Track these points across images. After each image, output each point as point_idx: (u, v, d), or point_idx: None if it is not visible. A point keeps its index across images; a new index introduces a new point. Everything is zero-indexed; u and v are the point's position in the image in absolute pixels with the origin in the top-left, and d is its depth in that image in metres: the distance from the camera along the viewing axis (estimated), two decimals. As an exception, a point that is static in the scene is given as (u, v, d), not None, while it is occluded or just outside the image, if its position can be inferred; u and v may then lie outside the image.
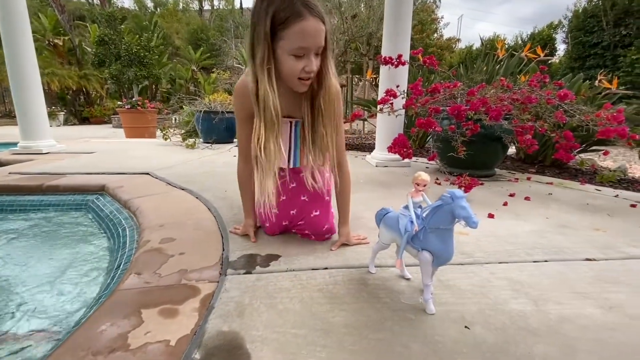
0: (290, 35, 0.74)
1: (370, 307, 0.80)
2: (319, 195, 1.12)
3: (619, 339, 0.71)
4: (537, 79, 2.10)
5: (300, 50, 0.76)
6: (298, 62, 0.77)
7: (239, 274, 0.95)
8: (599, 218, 1.51)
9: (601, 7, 9.03)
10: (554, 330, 0.74)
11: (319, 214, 1.12)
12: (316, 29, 0.74)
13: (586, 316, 0.79)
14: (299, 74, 0.79)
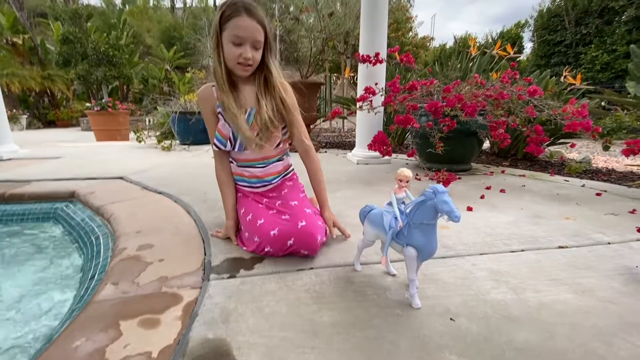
0: (230, 27, 0.97)
1: (357, 306, 0.80)
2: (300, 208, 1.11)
3: (592, 321, 0.75)
4: (509, 76, 2.18)
5: (236, 39, 0.98)
6: (236, 49, 0.99)
7: (222, 279, 0.93)
8: (569, 207, 1.58)
9: (563, 7, 9.52)
10: (534, 317, 0.77)
11: (305, 223, 1.04)
12: (251, 26, 0.97)
13: (562, 302, 0.82)
14: (237, 59, 1.01)
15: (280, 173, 1.24)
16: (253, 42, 1.00)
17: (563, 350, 0.66)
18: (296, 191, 1.22)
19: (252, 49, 1.00)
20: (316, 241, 1.02)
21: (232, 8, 0.97)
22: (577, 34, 9.26)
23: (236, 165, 1.22)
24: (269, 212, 1.11)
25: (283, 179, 1.26)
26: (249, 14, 0.98)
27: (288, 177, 1.28)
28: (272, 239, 1.01)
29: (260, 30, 1.00)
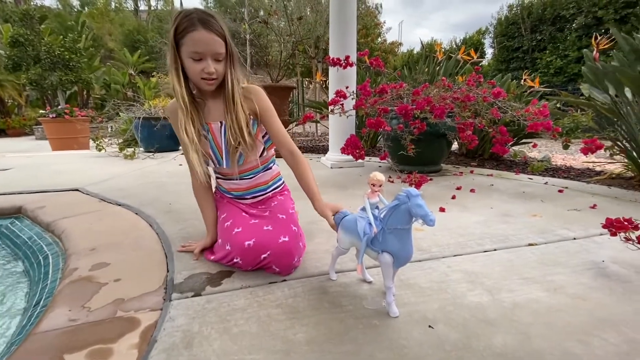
0: (187, 42, 0.91)
1: (332, 318, 0.76)
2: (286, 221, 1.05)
3: (565, 319, 0.75)
4: (474, 79, 2.25)
5: (195, 54, 0.92)
6: (197, 64, 0.93)
7: (186, 298, 0.85)
8: (535, 204, 1.64)
9: (520, 15, 10.13)
10: (509, 318, 0.76)
11: (287, 239, 0.97)
12: (209, 39, 0.91)
13: (535, 300, 0.83)
14: (200, 75, 0.94)
15: (268, 183, 1.18)
16: (213, 55, 0.93)
17: (540, 351, 0.66)
18: (287, 206, 1.16)
19: (214, 62, 0.94)
20: (292, 262, 0.96)
21: (186, 21, 0.90)
22: (532, 41, 9.88)
23: (222, 179, 1.17)
24: (249, 222, 1.03)
25: (274, 192, 1.21)
26: (206, 26, 0.90)
27: (279, 191, 1.23)
28: (245, 250, 0.94)
29: (220, 42, 0.93)
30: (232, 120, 1.01)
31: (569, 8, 9.00)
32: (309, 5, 7.47)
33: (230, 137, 1.02)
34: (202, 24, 0.89)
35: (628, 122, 1.97)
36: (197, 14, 0.91)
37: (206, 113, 1.05)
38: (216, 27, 0.92)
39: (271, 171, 1.19)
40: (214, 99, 1.04)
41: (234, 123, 1.01)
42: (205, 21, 0.90)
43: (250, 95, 1.04)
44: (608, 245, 1.15)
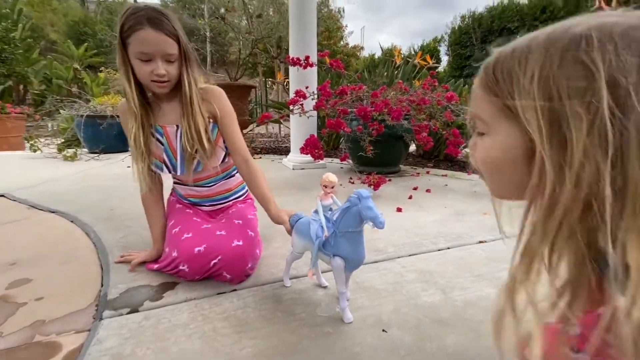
0: (134, 42, 0.84)
1: (284, 329, 0.71)
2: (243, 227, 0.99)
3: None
4: (429, 83, 2.33)
5: (143, 55, 0.85)
6: (145, 65, 0.86)
7: (120, 315, 0.76)
8: (485, 203, 1.72)
9: (471, 26, 10.83)
10: (461, 317, 0.76)
11: (242, 244, 0.91)
12: (158, 39, 0.84)
13: (485, 297, 0.84)
14: (150, 77, 0.87)
15: (230, 191, 1.12)
16: (163, 56, 0.86)
17: (490, 349, 0.66)
18: (246, 212, 1.09)
19: (165, 63, 0.87)
20: (245, 268, 0.90)
21: (132, 20, 0.82)
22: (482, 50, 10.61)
23: (178, 185, 1.09)
24: (201, 226, 0.96)
25: (235, 201, 1.14)
26: (155, 25, 0.83)
27: (241, 200, 1.16)
28: (194, 256, 0.87)
29: (171, 42, 0.86)
30: (189, 124, 0.93)
31: (514, 21, 9.80)
32: (272, 6, 7.38)
33: (187, 143, 0.94)
34: (150, 22, 0.82)
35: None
36: (146, 11, 0.83)
37: (161, 115, 0.97)
38: (166, 26, 0.85)
39: (234, 179, 1.13)
40: (169, 101, 0.97)
41: (191, 128, 0.93)
42: (153, 20, 0.83)
43: (209, 97, 0.96)
44: (548, 240, 1.22)
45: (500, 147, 0.35)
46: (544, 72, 0.29)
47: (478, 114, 0.37)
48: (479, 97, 0.36)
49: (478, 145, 0.39)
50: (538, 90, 0.29)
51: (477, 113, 0.37)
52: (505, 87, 0.33)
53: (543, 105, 0.29)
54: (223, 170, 1.07)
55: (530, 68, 0.30)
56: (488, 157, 0.37)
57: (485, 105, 0.35)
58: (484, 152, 0.37)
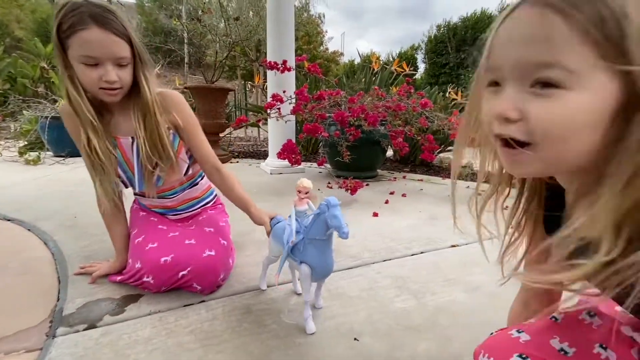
0: (75, 44, 0.73)
1: (253, 341, 0.69)
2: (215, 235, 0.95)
3: (482, 319, 0.79)
4: (405, 90, 2.37)
5: (88, 59, 0.74)
6: (92, 70, 0.75)
7: (76, 332, 0.71)
8: (458, 207, 1.75)
9: (446, 35, 11.22)
10: (432, 322, 0.77)
11: (214, 254, 0.87)
12: (106, 40, 0.74)
13: (456, 302, 0.85)
14: (98, 84, 0.77)
15: (198, 198, 1.06)
16: (114, 59, 0.76)
17: (459, 354, 0.67)
18: (217, 219, 1.05)
19: (116, 67, 0.77)
20: (217, 279, 0.87)
21: (73, 18, 0.71)
22: (457, 58, 11.01)
23: (139, 196, 1.02)
24: (168, 235, 0.90)
25: (204, 207, 1.08)
26: (101, 24, 0.72)
27: (211, 206, 1.11)
28: (160, 267, 0.82)
29: (122, 43, 0.76)
30: (148, 137, 0.84)
31: (486, 31, 10.25)
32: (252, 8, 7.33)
33: (145, 158, 0.85)
34: (94, 20, 0.72)
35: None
36: (88, 7, 0.72)
37: (113, 125, 0.88)
38: (115, 24, 0.75)
39: (200, 186, 1.06)
40: (121, 109, 0.86)
41: (151, 140, 0.85)
42: (99, 17, 0.72)
43: (169, 104, 0.88)
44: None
45: (590, 106, 0.28)
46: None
47: (557, 60, 0.28)
48: (562, 37, 0.27)
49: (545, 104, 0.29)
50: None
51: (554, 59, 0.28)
52: (616, 33, 0.26)
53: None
54: (188, 179, 1.02)
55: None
56: (574, 114, 0.28)
57: (578, 48, 0.27)
58: (568, 107, 0.28)
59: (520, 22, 0.30)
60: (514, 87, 0.31)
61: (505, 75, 0.32)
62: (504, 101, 0.31)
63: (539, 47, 0.28)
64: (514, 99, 0.31)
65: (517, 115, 0.30)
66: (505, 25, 0.32)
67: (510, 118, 0.31)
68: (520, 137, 0.31)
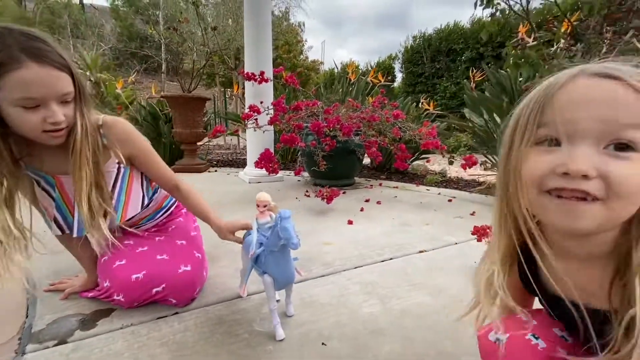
0: (9, 86, 0.61)
1: (224, 351, 0.71)
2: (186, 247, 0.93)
3: (443, 320, 0.84)
4: (379, 101, 2.46)
5: (27, 102, 0.63)
6: (33, 113, 0.64)
7: (46, 348, 0.71)
8: (429, 214, 1.84)
9: (422, 45, 11.64)
10: (397, 325, 0.82)
11: (190, 269, 0.87)
12: (44, 77, 0.63)
13: (421, 305, 0.91)
14: (42, 127, 0.66)
15: (159, 209, 1.02)
16: (59, 97, 0.66)
17: (420, 354, 0.72)
18: (187, 229, 1.04)
19: (60, 105, 0.67)
20: (194, 293, 0.88)
21: (2, 56, 0.59)
22: (432, 68, 11.42)
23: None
24: (136, 250, 0.89)
25: (168, 217, 1.05)
26: (37, 58, 0.61)
27: (173, 213, 1.07)
28: (131, 285, 0.81)
29: (64, 76, 0.66)
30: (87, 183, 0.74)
31: (459, 43, 10.70)
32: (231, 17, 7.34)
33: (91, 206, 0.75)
34: (29, 56, 0.61)
35: (497, 141, 2.39)
36: (15, 38, 0.61)
37: (49, 160, 0.77)
38: (52, 56, 0.64)
39: (155, 200, 0.98)
40: (59, 146, 0.72)
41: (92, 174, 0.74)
42: (33, 51, 0.61)
43: (115, 138, 0.80)
44: (480, 247, 1.34)
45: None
46: None
47: (634, 123, 0.31)
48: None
49: (626, 165, 0.31)
50: None
51: (632, 122, 0.31)
52: None
53: None
54: (154, 210, 0.99)
55: None
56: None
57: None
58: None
59: (597, 87, 0.33)
60: (589, 146, 0.33)
61: (579, 134, 0.33)
62: (580, 158, 0.32)
63: (624, 109, 0.31)
64: (591, 157, 0.32)
65: (595, 173, 0.32)
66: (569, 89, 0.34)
67: (590, 175, 0.32)
68: (596, 193, 0.32)
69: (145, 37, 11.40)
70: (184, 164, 3.19)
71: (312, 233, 1.48)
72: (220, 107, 6.15)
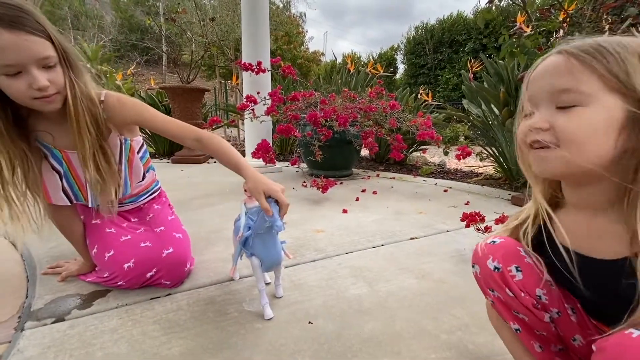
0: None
1: (214, 328, 0.75)
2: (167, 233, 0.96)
3: (426, 301, 0.87)
4: (376, 92, 2.47)
5: (7, 69, 0.65)
6: (16, 80, 0.66)
7: (44, 325, 0.74)
8: (423, 203, 1.87)
9: (424, 37, 11.50)
10: (381, 306, 0.85)
11: (172, 250, 0.90)
12: (17, 41, 0.64)
13: (406, 287, 0.94)
14: (30, 94, 0.67)
15: (144, 190, 1.04)
16: (38, 61, 0.66)
17: (400, 332, 0.75)
18: (164, 214, 1.06)
19: (43, 70, 0.68)
20: (184, 270, 0.92)
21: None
22: (435, 60, 11.30)
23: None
24: (120, 239, 0.91)
25: (150, 201, 1.07)
26: (9, 25, 0.62)
27: (155, 199, 1.09)
28: (126, 272, 0.85)
29: (40, 40, 0.66)
30: (90, 146, 0.76)
31: (462, 34, 10.56)
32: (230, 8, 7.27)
33: (99, 169, 0.79)
34: (1, 24, 0.62)
35: (494, 131, 2.39)
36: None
37: (57, 135, 0.80)
38: (27, 22, 0.65)
39: (144, 182, 1.01)
40: (63, 118, 0.75)
41: (91, 158, 0.77)
42: (4, 17, 0.62)
43: (112, 109, 0.82)
44: (472, 235, 1.36)
45: (603, 117, 0.38)
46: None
47: (572, 87, 0.39)
48: (576, 72, 0.39)
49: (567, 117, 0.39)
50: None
51: (572, 86, 0.39)
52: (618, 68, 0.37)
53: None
54: (142, 190, 1.02)
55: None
56: (588, 125, 0.38)
57: (588, 79, 0.38)
58: (582, 121, 0.38)
59: (550, 64, 0.42)
60: (545, 108, 0.41)
61: (538, 100, 0.42)
62: (536, 117, 0.42)
63: (564, 78, 0.40)
64: (545, 115, 0.41)
65: (547, 125, 0.41)
66: (539, 67, 0.43)
67: (542, 127, 0.41)
68: (549, 139, 0.41)
69: (146, 29, 11.35)
70: (182, 155, 3.22)
71: (306, 221, 1.51)
72: (221, 99, 6.15)
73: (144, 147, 1.00)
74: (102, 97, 0.81)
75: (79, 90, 0.74)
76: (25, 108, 0.74)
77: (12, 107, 0.72)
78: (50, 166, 0.82)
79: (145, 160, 1.01)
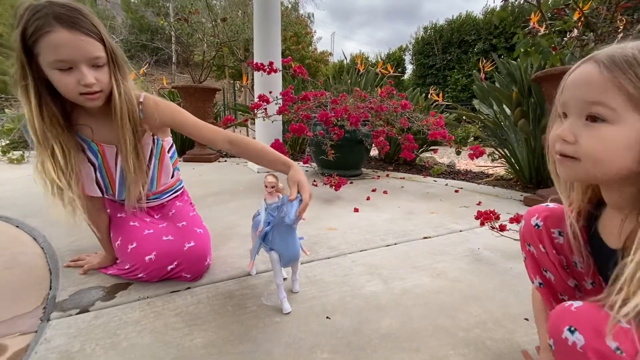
0: (44, 49, 0.69)
1: (234, 321, 0.76)
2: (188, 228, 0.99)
3: (441, 299, 0.87)
4: (387, 91, 2.46)
5: (61, 64, 0.70)
6: (67, 76, 0.71)
7: (69, 316, 0.77)
8: (434, 203, 1.86)
9: (433, 37, 11.43)
10: (397, 303, 0.85)
11: (194, 244, 0.92)
12: (76, 41, 0.70)
13: (421, 285, 0.94)
14: (77, 89, 0.73)
15: (169, 188, 1.09)
16: (88, 60, 0.72)
17: (418, 329, 0.75)
18: (186, 211, 1.09)
19: (92, 69, 0.73)
20: (204, 264, 0.94)
21: (37, 21, 0.67)
22: (444, 60, 11.23)
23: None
24: (144, 232, 0.94)
25: (172, 198, 1.11)
26: (68, 24, 0.68)
27: (177, 197, 1.14)
28: (147, 264, 0.88)
29: (94, 42, 0.72)
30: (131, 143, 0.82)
31: (471, 34, 10.48)
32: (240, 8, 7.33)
33: (130, 162, 0.84)
34: (60, 21, 0.68)
35: (506, 132, 2.37)
36: (51, 8, 0.68)
37: (96, 130, 0.86)
38: (84, 23, 0.70)
39: (173, 178, 1.08)
40: (104, 115, 0.82)
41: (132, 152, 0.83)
42: (64, 17, 0.68)
43: (150, 109, 0.87)
44: (484, 235, 1.36)
45: (626, 135, 0.38)
46: None
47: (602, 101, 0.39)
48: (606, 86, 0.39)
49: (592, 133, 0.40)
50: None
51: (600, 100, 0.39)
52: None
53: None
54: (167, 188, 1.06)
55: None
56: (611, 145, 0.39)
57: (616, 94, 0.38)
58: (606, 141, 0.39)
59: (584, 73, 0.42)
60: (575, 117, 0.42)
61: (570, 107, 0.43)
62: (565, 128, 0.43)
63: (595, 91, 0.40)
64: (573, 125, 0.42)
65: (573, 139, 0.42)
66: (573, 74, 0.44)
67: (568, 140, 0.43)
68: (572, 153, 0.43)
69: (156, 30, 11.49)
70: (194, 154, 3.26)
71: (319, 219, 1.51)
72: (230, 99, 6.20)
73: (173, 147, 1.04)
74: (141, 98, 0.86)
75: (123, 90, 0.79)
76: (69, 103, 0.79)
77: (60, 100, 0.78)
78: (86, 158, 0.87)
79: (174, 160, 1.05)
